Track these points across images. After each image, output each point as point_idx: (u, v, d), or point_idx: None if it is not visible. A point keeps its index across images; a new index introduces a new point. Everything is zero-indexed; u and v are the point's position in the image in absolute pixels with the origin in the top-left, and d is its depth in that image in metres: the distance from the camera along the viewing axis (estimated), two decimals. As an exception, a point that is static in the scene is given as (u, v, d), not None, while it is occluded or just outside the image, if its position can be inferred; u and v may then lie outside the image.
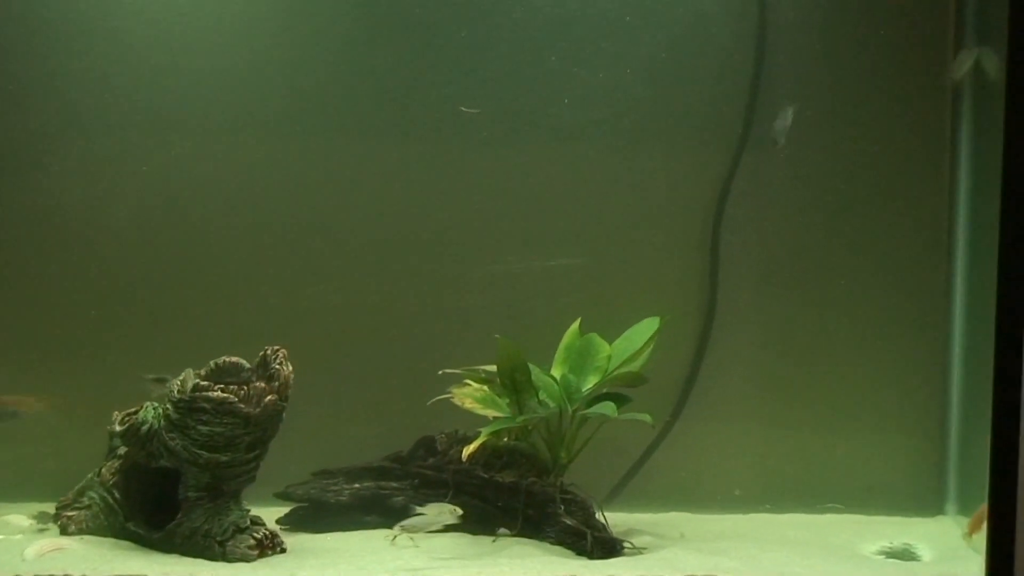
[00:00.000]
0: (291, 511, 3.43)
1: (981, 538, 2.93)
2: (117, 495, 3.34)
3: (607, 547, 3.23)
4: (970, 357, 3.37)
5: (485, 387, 3.32)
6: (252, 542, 3.21)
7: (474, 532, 3.33)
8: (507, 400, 3.30)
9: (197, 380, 3.21)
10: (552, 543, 3.28)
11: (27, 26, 3.47)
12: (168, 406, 3.24)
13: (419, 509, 3.23)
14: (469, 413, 3.31)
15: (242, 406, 3.20)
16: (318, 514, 3.41)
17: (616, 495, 3.51)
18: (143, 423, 3.28)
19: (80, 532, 3.36)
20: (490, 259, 3.53)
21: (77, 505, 3.40)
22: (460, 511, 3.22)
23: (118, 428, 3.32)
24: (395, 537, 3.32)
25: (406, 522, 3.21)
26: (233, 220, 3.54)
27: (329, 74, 3.51)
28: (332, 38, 3.51)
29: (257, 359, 3.26)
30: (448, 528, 3.30)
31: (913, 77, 3.47)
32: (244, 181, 3.52)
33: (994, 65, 3.05)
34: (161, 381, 3.27)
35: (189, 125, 3.54)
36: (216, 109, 3.53)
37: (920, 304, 3.51)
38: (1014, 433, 2.96)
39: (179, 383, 3.22)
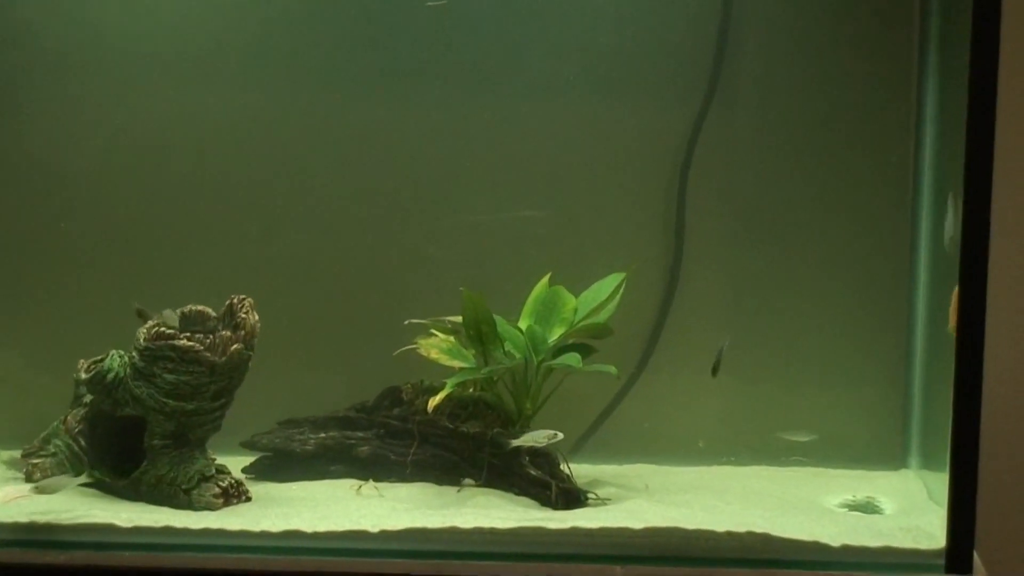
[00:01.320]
0: (256, 460, 3.42)
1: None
2: (82, 443, 3.33)
3: (571, 498, 3.22)
4: (933, 311, 3.36)
5: (451, 338, 3.32)
6: (217, 490, 3.19)
7: (439, 482, 3.33)
8: (473, 351, 3.30)
9: (157, 327, 3.21)
10: (517, 494, 3.27)
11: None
12: (134, 354, 3.22)
13: (514, 441, 3.23)
14: (435, 364, 3.31)
15: (208, 355, 3.18)
16: (283, 463, 3.40)
17: (581, 446, 3.51)
18: (108, 371, 3.27)
19: (44, 479, 3.34)
20: (458, 211, 3.52)
21: (43, 453, 3.39)
22: (559, 434, 3.21)
23: (84, 376, 3.31)
24: (360, 487, 3.32)
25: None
26: (200, 170, 3.53)
27: (295, 24, 3.50)
28: None
29: (223, 308, 3.24)
30: (413, 478, 3.33)
31: (880, 31, 3.48)
32: (210, 130, 3.51)
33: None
34: (142, 315, 3.26)
35: (150, 74, 3.54)
36: (180, 57, 3.54)
37: (884, 258, 3.51)
38: (976, 386, 2.97)
39: (149, 327, 3.22)
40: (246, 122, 3.51)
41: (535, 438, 3.20)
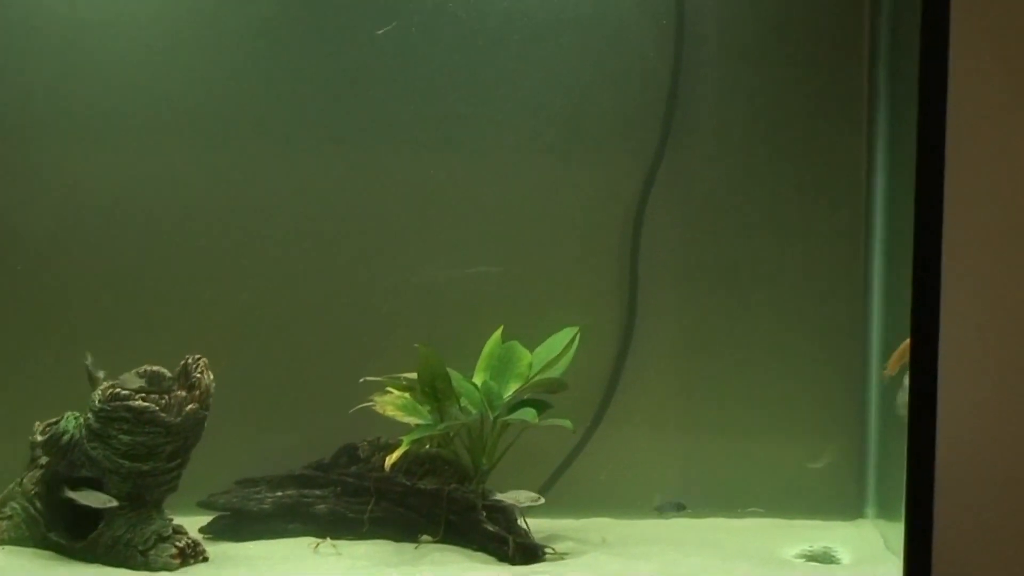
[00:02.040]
0: (213, 520, 3.41)
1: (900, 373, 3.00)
2: (39, 505, 3.31)
3: (529, 553, 3.23)
4: (886, 367, 3.35)
5: (407, 395, 3.33)
6: (174, 551, 3.18)
7: (396, 539, 3.33)
8: (428, 407, 3.30)
9: (115, 388, 3.19)
10: (474, 549, 3.28)
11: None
12: (89, 415, 3.21)
13: (500, 495, 3.26)
14: (391, 421, 3.32)
15: (163, 415, 3.17)
16: (241, 523, 3.39)
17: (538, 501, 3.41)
18: (64, 432, 3.26)
19: (1, 543, 3.32)
20: (411, 268, 3.54)
21: None
22: (542, 499, 3.25)
23: (39, 438, 3.31)
24: (318, 545, 3.31)
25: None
26: (156, 231, 3.54)
27: (265, 87, 3.53)
28: (272, 49, 3.54)
29: (178, 368, 3.23)
30: (371, 535, 3.33)
31: (829, 88, 3.51)
32: (163, 191, 3.52)
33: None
34: (92, 377, 3.25)
35: (111, 135, 3.54)
36: (145, 119, 3.55)
37: (838, 311, 3.54)
38: (930, 437, 3.01)
39: (104, 389, 3.21)
40: (200, 183, 3.52)
41: (518, 497, 3.23)
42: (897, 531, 3.05)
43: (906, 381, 2.94)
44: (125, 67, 3.51)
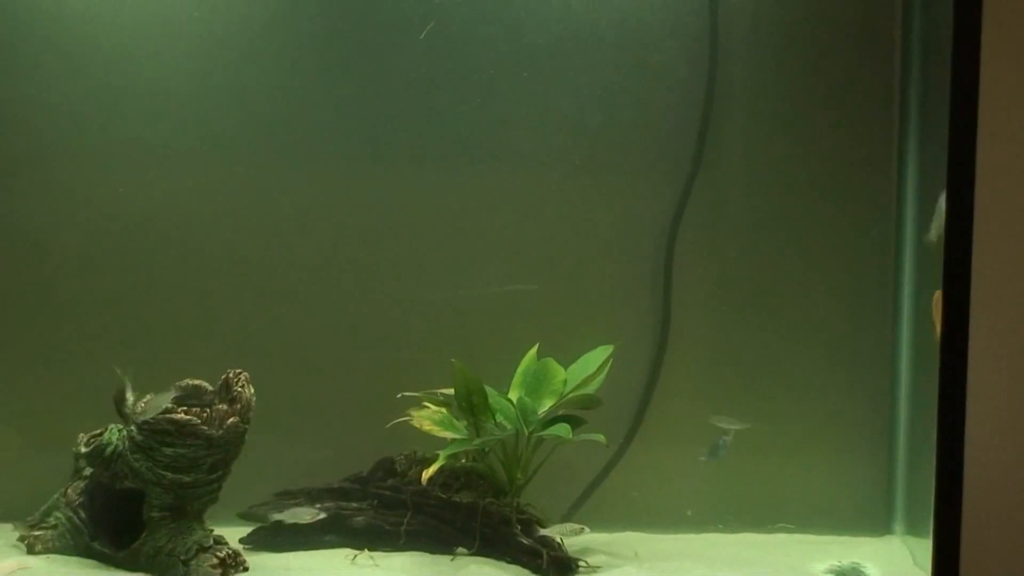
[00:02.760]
0: (253, 531, 3.42)
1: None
2: (82, 515, 3.31)
3: (562, 566, 3.23)
4: (917, 382, 3.39)
5: (443, 410, 3.33)
6: (215, 561, 3.17)
7: (432, 551, 3.33)
8: (465, 422, 3.30)
9: (157, 401, 3.21)
10: (508, 562, 3.28)
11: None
12: (132, 428, 3.22)
13: (544, 531, 3.28)
14: (428, 435, 3.31)
15: (205, 428, 3.18)
16: (280, 534, 3.39)
17: (571, 515, 3.51)
18: (108, 444, 3.28)
19: (46, 551, 3.33)
20: (447, 286, 3.53)
21: (43, 525, 3.37)
22: (587, 529, 3.27)
23: (83, 449, 3.32)
24: (355, 557, 3.31)
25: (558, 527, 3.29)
26: (197, 249, 3.54)
27: (298, 108, 3.51)
28: (303, 71, 3.53)
29: (219, 382, 3.24)
30: (407, 547, 3.34)
31: (860, 105, 3.49)
32: (205, 211, 3.51)
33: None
34: (120, 400, 3.26)
35: (154, 158, 3.54)
36: (185, 139, 3.53)
37: (868, 330, 3.52)
38: (958, 455, 3.00)
39: (135, 404, 3.24)
40: (241, 203, 3.53)
41: (562, 531, 3.25)
42: (925, 547, 3.06)
43: (941, 203, 2.94)
44: (167, 93, 3.52)
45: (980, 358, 3.04)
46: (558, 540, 3.27)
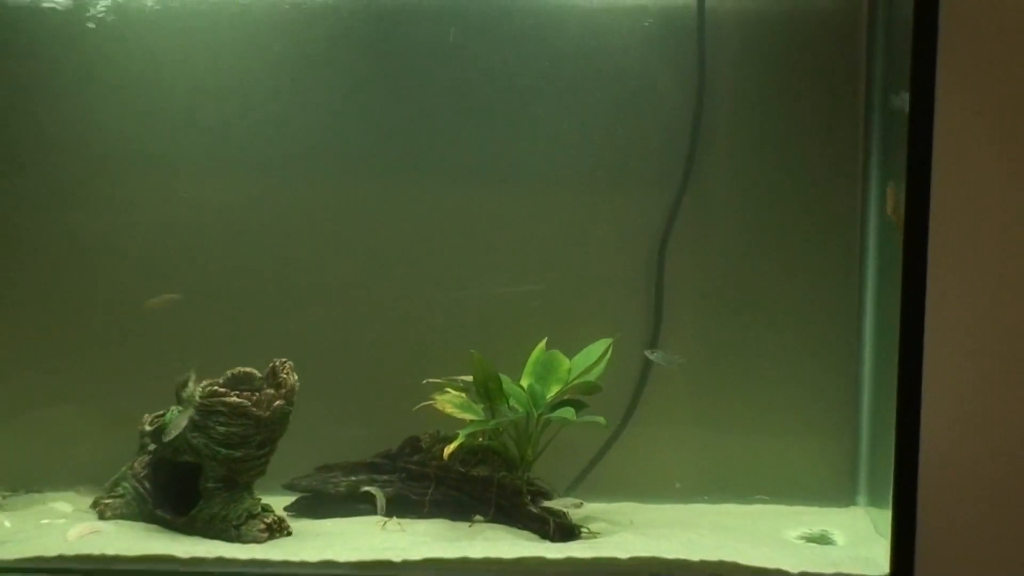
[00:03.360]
0: (296, 500, 3.44)
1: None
2: (147, 485, 3.36)
3: (566, 532, 3.25)
4: (878, 371, 3.39)
5: (463, 395, 3.34)
6: (263, 526, 3.23)
7: (453, 519, 3.35)
8: (482, 406, 3.32)
9: (214, 386, 3.24)
10: (520, 528, 3.29)
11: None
12: (191, 410, 3.26)
13: (547, 503, 3.30)
14: (449, 417, 3.33)
15: (254, 410, 3.22)
16: (319, 503, 3.42)
17: (575, 487, 3.53)
18: (169, 424, 3.31)
19: (115, 517, 3.37)
20: (467, 286, 3.55)
21: (113, 494, 3.41)
22: (584, 503, 3.31)
23: (148, 428, 3.37)
24: (385, 523, 3.33)
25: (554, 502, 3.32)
26: (249, 256, 3.57)
27: (338, 129, 3.52)
28: (333, 93, 3.54)
29: (267, 369, 3.27)
30: (431, 515, 3.35)
31: (827, 128, 3.50)
32: (256, 221, 3.54)
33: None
34: (182, 386, 3.32)
35: (211, 173, 3.56)
36: (237, 156, 3.56)
37: (835, 327, 3.54)
38: (915, 435, 3.01)
39: (204, 387, 3.26)
40: (286, 213, 3.55)
41: (563, 504, 3.27)
42: (885, 517, 3.07)
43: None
44: (226, 118, 3.54)
45: (934, 353, 3.06)
46: (580, 506, 3.29)
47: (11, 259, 3.56)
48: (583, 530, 3.26)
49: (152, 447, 3.35)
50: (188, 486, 3.28)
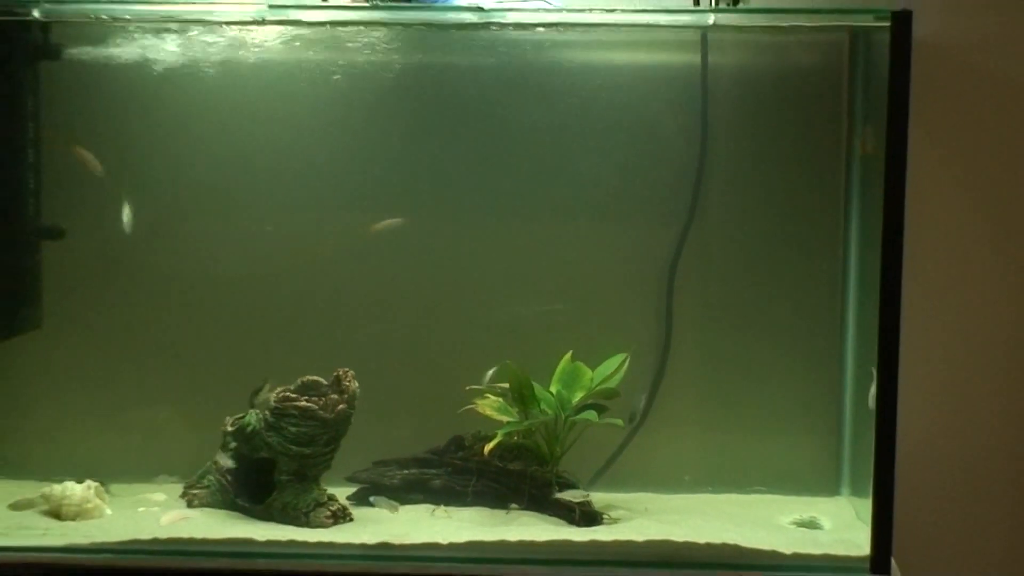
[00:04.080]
0: (357, 490, 3.46)
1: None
2: (229, 478, 3.38)
3: (590, 518, 3.29)
4: (859, 379, 3.41)
5: (500, 399, 3.37)
6: (328, 513, 3.26)
7: (492, 507, 3.37)
8: (516, 409, 3.35)
9: (286, 392, 3.29)
10: (550, 515, 3.31)
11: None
12: (266, 412, 3.31)
13: (558, 495, 3.32)
14: (488, 419, 3.36)
15: (321, 413, 3.26)
16: (377, 493, 3.43)
17: (596, 480, 3.55)
18: (248, 424, 3.35)
19: (201, 505, 3.40)
20: (504, 306, 3.57)
21: (199, 486, 3.45)
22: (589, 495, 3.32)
23: (230, 428, 3.40)
24: (434, 511, 3.36)
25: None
26: (323, 280, 3.59)
27: (393, 170, 3.55)
28: (394, 140, 3.56)
29: (332, 378, 3.33)
30: (473, 503, 3.37)
31: (813, 169, 3.52)
32: (327, 250, 3.57)
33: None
34: (258, 391, 3.37)
35: (290, 208, 3.59)
36: (319, 189, 3.59)
37: (821, 338, 3.55)
38: (892, 433, 3.05)
39: (277, 393, 3.31)
40: (347, 241, 3.57)
41: (573, 495, 3.29)
42: (866, 506, 3.11)
43: (873, 389, 3.02)
44: (300, 154, 3.56)
45: (908, 363, 3.11)
46: (587, 498, 3.31)
47: (121, 286, 3.59)
48: (605, 517, 3.29)
49: (233, 445, 3.38)
50: (264, 479, 3.28)
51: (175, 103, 3.53)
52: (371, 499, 3.37)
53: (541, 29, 3.42)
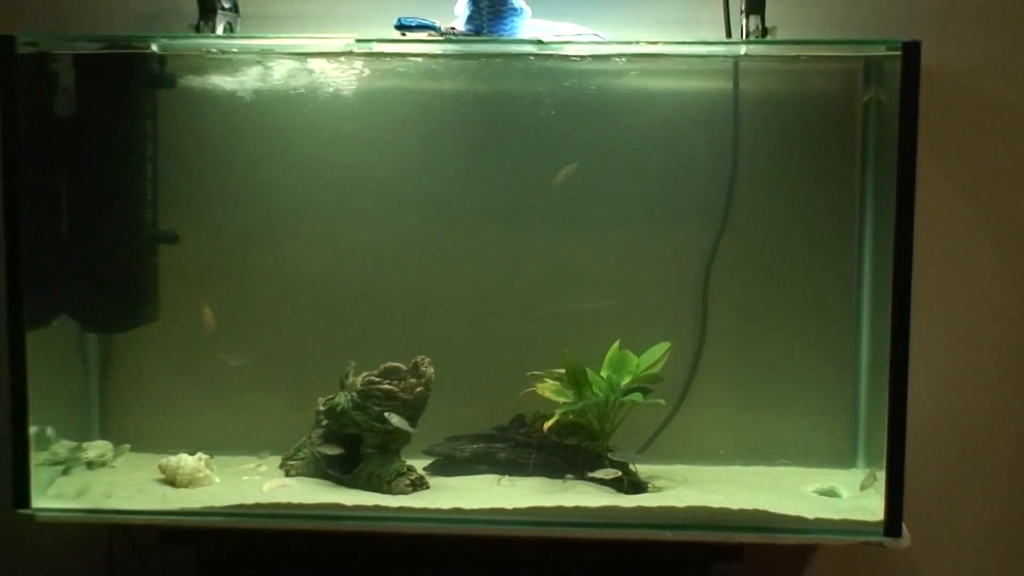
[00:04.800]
0: (432, 462, 3.48)
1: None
2: (321, 451, 3.40)
3: (637, 487, 3.31)
4: (873, 366, 3.41)
5: (558, 383, 3.39)
6: (408, 482, 3.29)
7: (550, 477, 3.38)
8: (571, 391, 3.37)
9: (371, 377, 3.33)
10: (601, 484, 3.34)
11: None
12: (353, 394, 3.35)
13: (611, 454, 3.33)
14: (547, 400, 3.38)
15: (401, 394, 3.30)
16: (450, 465, 3.46)
17: (642, 453, 3.51)
18: (338, 404, 3.38)
19: (297, 475, 3.43)
20: (562, 302, 3.56)
21: (295, 458, 3.48)
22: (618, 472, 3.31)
23: (322, 408, 3.43)
24: (499, 480, 3.38)
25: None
26: (406, 281, 3.59)
27: (469, 183, 3.55)
28: (470, 157, 3.56)
29: (411, 363, 3.37)
30: (533, 474, 3.38)
31: (831, 180, 3.51)
32: (410, 254, 3.56)
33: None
34: (346, 375, 3.41)
35: (379, 216, 3.59)
36: (400, 202, 3.59)
37: (839, 333, 3.54)
38: (903, 413, 3.07)
39: (363, 377, 3.34)
40: (428, 246, 3.55)
41: (626, 456, 3.33)
42: (880, 476, 3.15)
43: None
44: (392, 170, 3.56)
45: (918, 348, 3.13)
46: (633, 468, 3.34)
47: (227, 284, 3.62)
48: (649, 485, 3.28)
49: (324, 422, 3.37)
50: (351, 452, 3.29)
51: (268, 124, 3.56)
52: (385, 414, 3.31)
53: (594, 58, 3.45)
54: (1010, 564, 3.69)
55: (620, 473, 3.30)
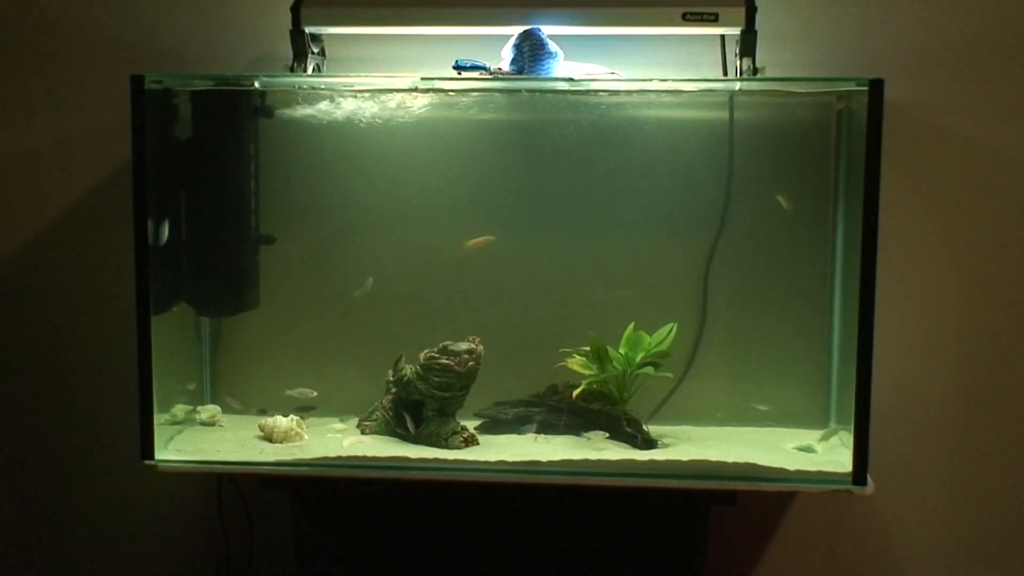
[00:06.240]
0: (481, 423, 3.48)
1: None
2: (390, 413, 3.43)
3: (649, 444, 3.31)
4: (843, 341, 3.38)
5: (584, 358, 3.38)
6: (461, 440, 3.29)
7: (577, 436, 3.38)
8: (596, 365, 3.36)
9: (431, 353, 3.33)
10: (619, 442, 3.34)
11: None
12: (417, 366, 3.36)
13: (586, 434, 3.32)
14: (575, 372, 3.37)
15: (456, 368, 3.30)
16: (496, 425, 3.46)
17: (652, 416, 3.51)
18: (404, 375, 3.40)
19: (371, 433, 3.43)
20: (587, 292, 3.54)
21: (369, 420, 3.48)
22: (607, 435, 3.30)
23: (391, 377, 3.44)
24: (536, 438, 3.39)
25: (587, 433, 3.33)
26: (456, 273, 3.56)
27: (516, 194, 3.53)
28: (519, 173, 3.53)
29: (465, 342, 3.36)
30: (563, 433, 3.38)
31: (809, 191, 3.47)
32: (470, 255, 3.50)
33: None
34: (396, 361, 3.42)
35: (428, 224, 3.56)
36: (450, 208, 3.56)
37: (815, 317, 3.50)
38: (868, 380, 3.05)
39: (424, 354, 3.33)
40: (486, 247, 3.50)
41: (596, 435, 3.29)
42: (848, 434, 3.12)
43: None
44: (462, 184, 3.54)
45: (882, 329, 3.15)
46: (645, 426, 3.33)
47: (317, 276, 3.60)
48: (659, 442, 3.26)
49: (393, 390, 3.43)
50: (415, 414, 3.29)
51: (349, 146, 3.56)
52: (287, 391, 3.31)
53: (615, 93, 3.42)
54: (958, 507, 3.68)
55: (607, 434, 3.30)
